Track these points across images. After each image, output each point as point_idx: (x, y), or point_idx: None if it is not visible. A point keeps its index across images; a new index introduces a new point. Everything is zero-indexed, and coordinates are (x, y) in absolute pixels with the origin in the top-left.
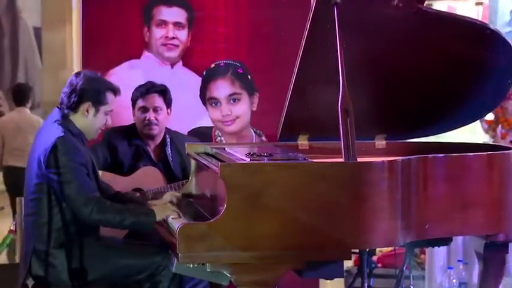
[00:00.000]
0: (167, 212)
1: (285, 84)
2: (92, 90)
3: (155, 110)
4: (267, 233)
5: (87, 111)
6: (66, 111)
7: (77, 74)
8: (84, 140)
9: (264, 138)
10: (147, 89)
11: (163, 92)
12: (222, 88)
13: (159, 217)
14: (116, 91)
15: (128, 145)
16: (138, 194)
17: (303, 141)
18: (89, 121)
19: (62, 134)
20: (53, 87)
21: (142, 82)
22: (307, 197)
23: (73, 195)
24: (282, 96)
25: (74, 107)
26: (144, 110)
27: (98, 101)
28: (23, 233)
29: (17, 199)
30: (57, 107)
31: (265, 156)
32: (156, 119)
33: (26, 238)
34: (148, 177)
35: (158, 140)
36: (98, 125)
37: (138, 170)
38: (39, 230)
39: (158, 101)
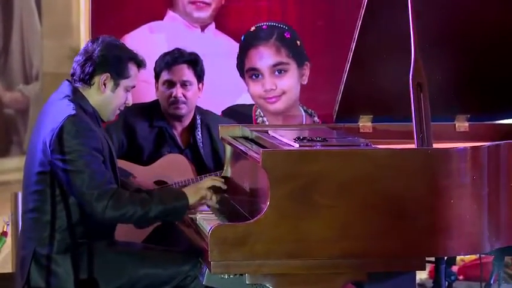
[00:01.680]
0: (201, 193)
1: (342, 53)
2: (111, 59)
3: (183, 84)
4: (320, 237)
5: (105, 84)
6: (78, 84)
7: (94, 40)
8: (100, 121)
9: (316, 119)
10: (173, 59)
11: (194, 62)
12: (264, 57)
13: (192, 200)
14: (140, 63)
15: (148, 127)
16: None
17: (365, 123)
18: (106, 97)
19: (74, 111)
20: (54, 55)
21: (167, 49)
22: (371, 192)
23: (84, 187)
24: (339, 68)
25: (89, 79)
26: (170, 84)
27: (119, 73)
28: (20, 234)
29: (11, 193)
30: (67, 80)
31: (318, 141)
32: (185, 95)
33: (24, 240)
34: (173, 167)
35: (186, 121)
36: (116, 103)
37: (161, 158)
38: (41, 231)
39: (187, 73)
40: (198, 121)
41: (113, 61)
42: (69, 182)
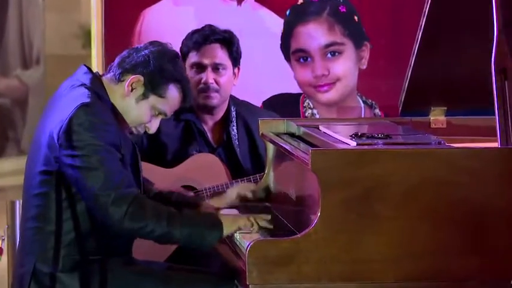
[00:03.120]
0: (239, 223)
1: (410, 31)
2: (155, 67)
3: (215, 68)
4: (382, 255)
5: (132, 88)
6: (107, 75)
7: (153, 42)
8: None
9: (378, 111)
10: (204, 37)
11: (228, 41)
12: (314, 35)
13: (227, 231)
14: (186, 94)
15: (173, 121)
16: (190, 194)
17: (437, 117)
18: (126, 104)
19: (88, 99)
20: (58, 35)
21: (196, 26)
22: (444, 201)
23: (97, 188)
24: (406, 49)
25: (120, 74)
26: (199, 68)
27: (154, 85)
28: (18, 248)
29: (7, 202)
30: (85, 65)
31: (379, 138)
32: (217, 81)
33: (23, 255)
34: (203, 169)
35: (219, 113)
36: (134, 117)
37: (189, 158)
38: (43, 243)
39: (220, 55)
40: (233, 114)
41: (156, 69)
42: (80, 182)
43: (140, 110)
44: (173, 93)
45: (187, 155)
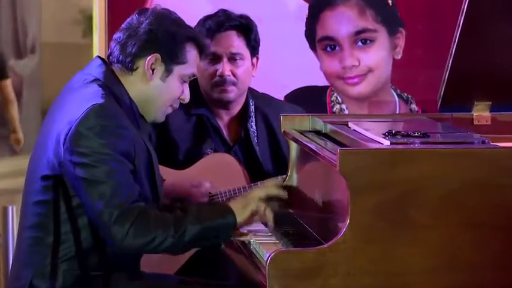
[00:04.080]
0: (252, 207)
1: (450, 16)
2: (164, 37)
3: (232, 58)
4: (419, 267)
5: (153, 69)
6: (117, 65)
7: (141, 11)
8: (140, 120)
9: (414, 106)
10: (218, 24)
11: (246, 28)
12: (343, 21)
13: (241, 217)
14: (203, 47)
15: (184, 116)
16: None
17: (481, 112)
18: (154, 88)
19: (101, 100)
20: (56, 21)
21: (209, 11)
22: (490, 207)
23: (102, 204)
24: (446, 37)
25: (131, 63)
26: (214, 58)
27: (172, 56)
28: (13, 260)
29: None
30: (99, 57)
31: (416, 136)
32: (234, 73)
33: (19, 267)
34: (218, 171)
35: (236, 108)
36: (167, 97)
37: (202, 159)
38: (41, 256)
39: (237, 43)
40: (252, 108)
41: (166, 39)
42: (83, 195)
43: (170, 86)
44: (192, 52)
45: (200, 154)
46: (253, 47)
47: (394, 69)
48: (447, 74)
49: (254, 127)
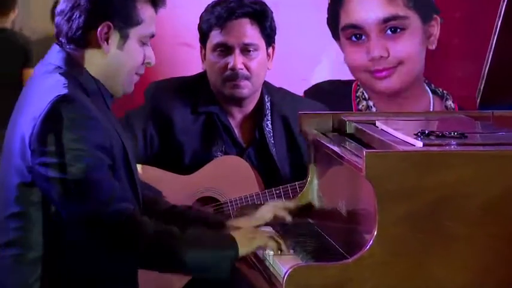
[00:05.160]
0: (259, 242)
1: (491, 3)
2: (110, 0)
3: (245, 49)
4: (455, 283)
5: (107, 40)
6: (69, 47)
7: None
8: (109, 102)
9: (450, 103)
10: (229, 10)
11: (260, 14)
12: (370, 7)
13: (244, 251)
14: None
15: (191, 115)
16: (211, 210)
17: None
18: (113, 58)
19: (65, 90)
20: (47, 8)
21: None
22: None
23: (81, 207)
24: (487, 26)
25: (81, 37)
26: (225, 50)
27: (125, 19)
28: None
29: None
30: (57, 43)
31: (453, 137)
32: (247, 67)
33: None
34: (228, 176)
35: (250, 105)
36: (130, 65)
37: (210, 162)
38: (24, 275)
39: (250, 32)
40: (268, 105)
41: (113, 2)
42: (57, 200)
43: (130, 53)
44: (147, 8)
45: (208, 157)
46: (269, 36)
47: (427, 61)
48: (488, 67)
49: (270, 126)
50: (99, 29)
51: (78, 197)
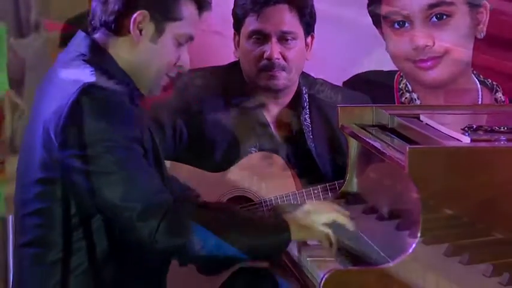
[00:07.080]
0: (313, 235)
1: None
2: None
3: (283, 38)
4: None
5: (140, 29)
6: (99, 34)
7: None
8: (135, 94)
9: (501, 95)
10: None
11: (300, 1)
12: None
13: (295, 236)
14: (202, 2)
15: (223, 107)
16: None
17: None
18: (143, 51)
19: (93, 78)
20: None
21: None
22: None
23: (117, 199)
24: None
25: (115, 23)
26: (261, 38)
27: (163, 11)
28: (13, 280)
29: None
30: (83, 31)
31: (502, 132)
32: (285, 56)
33: None
34: (263, 174)
35: (287, 97)
36: (160, 63)
37: (244, 158)
38: (45, 277)
39: (289, 19)
40: (306, 97)
41: None
42: (93, 192)
43: (163, 49)
44: (189, 7)
45: (241, 154)
46: (308, 24)
47: (476, 50)
48: None
49: (308, 120)
50: (134, 16)
51: (113, 189)
